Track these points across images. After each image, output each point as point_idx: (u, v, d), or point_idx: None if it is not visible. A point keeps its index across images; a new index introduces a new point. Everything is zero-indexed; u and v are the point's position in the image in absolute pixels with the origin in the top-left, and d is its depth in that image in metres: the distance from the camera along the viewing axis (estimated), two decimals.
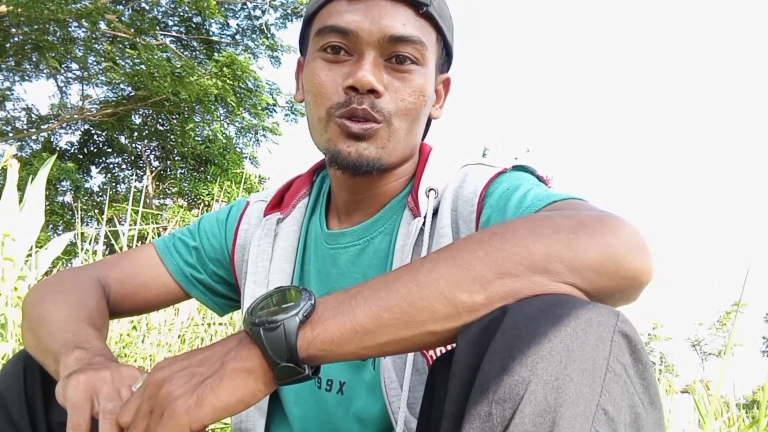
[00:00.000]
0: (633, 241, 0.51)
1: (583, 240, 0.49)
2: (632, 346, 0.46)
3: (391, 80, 0.72)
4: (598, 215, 0.52)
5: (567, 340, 0.43)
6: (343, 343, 0.49)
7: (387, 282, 0.50)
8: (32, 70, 10.43)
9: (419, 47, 0.72)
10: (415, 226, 0.73)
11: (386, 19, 0.70)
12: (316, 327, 0.49)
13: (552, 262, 0.48)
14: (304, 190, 0.87)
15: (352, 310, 0.49)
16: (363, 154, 0.71)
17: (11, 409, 0.67)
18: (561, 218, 0.52)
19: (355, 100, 0.70)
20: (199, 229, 0.90)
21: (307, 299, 0.50)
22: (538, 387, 0.42)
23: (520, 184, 0.69)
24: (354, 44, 0.71)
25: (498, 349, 0.44)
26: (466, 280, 0.48)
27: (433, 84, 0.76)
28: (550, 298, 0.47)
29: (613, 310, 0.46)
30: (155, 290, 0.86)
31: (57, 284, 0.77)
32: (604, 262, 0.49)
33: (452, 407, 0.46)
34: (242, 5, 10.79)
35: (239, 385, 0.48)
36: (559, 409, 0.41)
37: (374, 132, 0.71)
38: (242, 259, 0.87)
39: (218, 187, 9.24)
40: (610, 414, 0.42)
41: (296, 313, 0.48)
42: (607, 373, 0.43)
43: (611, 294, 0.50)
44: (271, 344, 0.48)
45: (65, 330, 0.66)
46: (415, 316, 0.48)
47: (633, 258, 0.50)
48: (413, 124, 0.74)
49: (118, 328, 2.24)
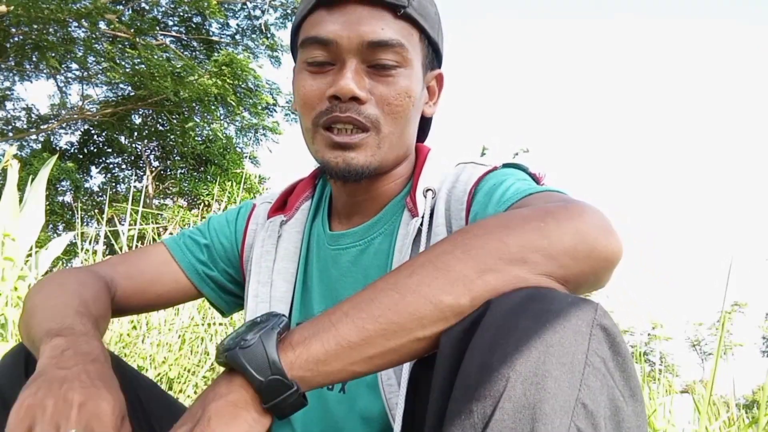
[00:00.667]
0: (599, 224, 0.52)
1: (553, 227, 0.50)
2: (611, 339, 0.46)
3: (375, 85, 0.72)
4: (563, 203, 0.54)
5: (546, 335, 0.44)
6: (329, 360, 0.48)
7: (367, 294, 0.50)
8: (32, 70, 10.43)
9: (399, 50, 0.72)
10: (413, 226, 0.73)
11: (364, 26, 0.70)
12: (296, 347, 0.48)
13: (528, 251, 0.49)
14: (306, 193, 0.88)
15: (333, 326, 0.48)
16: (351, 163, 0.72)
17: (11, 405, 0.67)
18: (527, 210, 0.53)
19: (337, 109, 0.71)
20: (209, 228, 0.91)
21: (277, 317, 0.50)
22: (517, 383, 0.42)
23: (505, 179, 0.69)
24: (335, 53, 0.72)
25: (478, 346, 0.45)
26: (448, 282, 0.48)
27: (420, 83, 0.76)
28: (528, 293, 0.47)
29: (591, 303, 0.47)
30: (166, 286, 0.86)
31: (56, 278, 0.77)
32: (577, 246, 0.50)
33: (435, 406, 0.47)
34: (242, 5, 10.78)
35: (229, 420, 0.46)
36: (538, 404, 0.42)
37: (362, 141, 0.71)
38: (249, 258, 0.88)
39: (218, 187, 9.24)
40: (589, 408, 0.43)
41: (270, 327, 0.48)
42: (585, 366, 0.44)
43: (586, 278, 0.51)
44: (250, 361, 0.47)
45: (52, 319, 0.65)
46: (402, 324, 0.48)
47: (603, 239, 0.51)
48: (405, 126, 0.75)
49: (118, 327, 2.24)
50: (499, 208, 0.64)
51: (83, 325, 0.64)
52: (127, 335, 2.24)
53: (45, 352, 0.58)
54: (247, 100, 10.60)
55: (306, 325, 0.50)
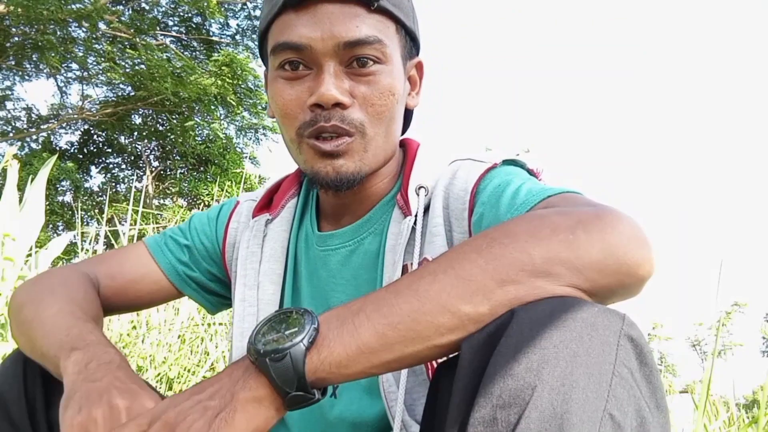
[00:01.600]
0: (632, 235, 0.50)
1: (582, 239, 0.48)
2: (638, 350, 0.45)
3: (356, 86, 0.69)
4: (595, 211, 0.51)
5: (573, 344, 0.43)
6: (350, 364, 0.48)
7: (388, 297, 0.49)
8: (32, 70, 10.41)
9: (378, 46, 0.68)
10: (407, 225, 0.71)
11: (338, 25, 0.67)
12: (322, 351, 0.48)
13: (553, 265, 0.48)
14: (292, 190, 0.86)
15: (356, 329, 0.48)
16: (341, 171, 0.69)
17: (11, 409, 0.66)
18: (558, 217, 0.51)
19: (321, 118, 0.68)
20: (190, 227, 0.90)
21: (311, 323, 0.49)
22: (544, 392, 0.41)
23: (511, 179, 0.68)
24: (310, 58, 0.68)
25: (503, 353, 0.44)
26: (468, 291, 0.48)
27: (401, 78, 0.73)
28: (555, 302, 0.46)
29: (618, 313, 0.46)
30: (146, 287, 0.85)
31: (42, 282, 0.76)
32: (605, 260, 0.48)
33: (456, 412, 0.46)
34: (242, 5, 10.77)
35: (253, 416, 0.48)
36: (565, 414, 0.41)
37: (348, 147, 0.69)
38: (232, 257, 0.87)
39: (218, 187, 9.24)
40: (616, 419, 0.42)
41: (301, 340, 0.47)
42: (613, 377, 0.43)
43: (614, 291, 0.50)
44: (279, 374, 0.47)
45: (58, 330, 0.65)
46: (420, 332, 0.48)
47: (634, 253, 0.49)
48: (390, 124, 0.72)
49: (118, 327, 2.24)
50: (516, 211, 0.62)
51: (92, 333, 0.64)
52: (127, 335, 2.24)
53: (68, 368, 0.59)
54: (247, 99, 10.59)
55: (332, 323, 0.49)
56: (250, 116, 11.08)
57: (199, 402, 0.49)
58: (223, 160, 11.41)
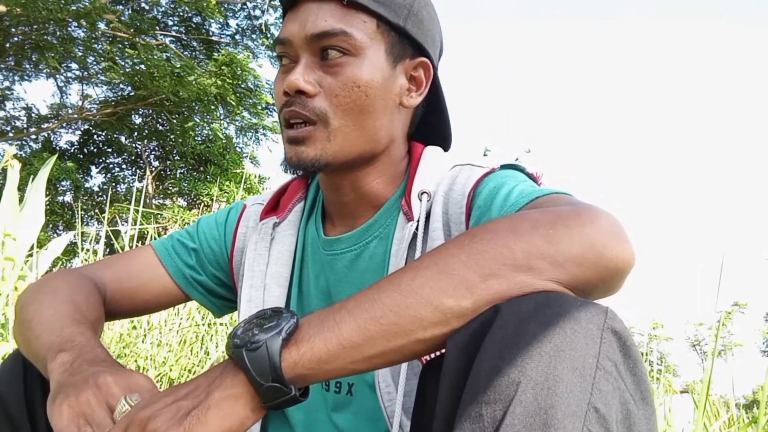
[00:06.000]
0: (611, 230, 0.51)
1: (562, 234, 0.49)
2: (622, 343, 0.46)
3: (324, 77, 0.71)
4: (575, 208, 0.53)
5: (556, 339, 0.43)
6: (330, 360, 0.48)
7: (370, 294, 0.50)
8: (32, 70, 10.42)
9: (344, 38, 0.70)
10: (409, 230, 0.72)
11: (311, 20, 0.71)
12: (301, 346, 0.48)
13: (534, 259, 0.49)
14: (299, 193, 0.87)
15: (338, 325, 0.48)
16: (301, 157, 0.71)
17: (11, 409, 0.67)
18: (539, 214, 0.52)
19: (289, 105, 0.71)
20: (198, 231, 0.90)
21: (289, 318, 0.49)
22: (528, 387, 0.42)
23: (505, 182, 0.68)
24: (293, 51, 0.73)
25: (488, 350, 0.44)
26: (450, 285, 0.48)
27: (379, 73, 0.72)
28: (538, 297, 0.47)
29: (601, 306, 0.47)
30: (154, 291, 0.85)
31: (47, 284, 0.77)
32: (585, 254, 0.49)
33: (443, 409, 0.47)
34: (242, 5, 10.78)
35: (227, 414, 0.47)
36: (549, 409, 0.41)
37: (309, 134, 0.71)
38: (240, 262, 0.87)
39: (218, 187, 9.25)
40: (601, 412, 0.43)
41: (278, 332, 0.48)
42: (597, 371, 0.44)
43: (595, 285, 0.51)
44: (254, 365, 0.47)
45: (50, 331, 0.65)
46: (403, 326, 0.48)
47: (613, 247, 0.50)
48: (362, 118, 0.72)
49: (118, 327, 2.24)
50: (506, 212, 0.63)
51: (82, 335, 0.64)
52: (127, 335, 2.24)
53: (54, 371, 0.59)
54: (247, 99, 10.59)
55: (313, 320, 0.50)
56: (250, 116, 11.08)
57: (175, 401, 0.49)
58: (223, 160, 11.41)
